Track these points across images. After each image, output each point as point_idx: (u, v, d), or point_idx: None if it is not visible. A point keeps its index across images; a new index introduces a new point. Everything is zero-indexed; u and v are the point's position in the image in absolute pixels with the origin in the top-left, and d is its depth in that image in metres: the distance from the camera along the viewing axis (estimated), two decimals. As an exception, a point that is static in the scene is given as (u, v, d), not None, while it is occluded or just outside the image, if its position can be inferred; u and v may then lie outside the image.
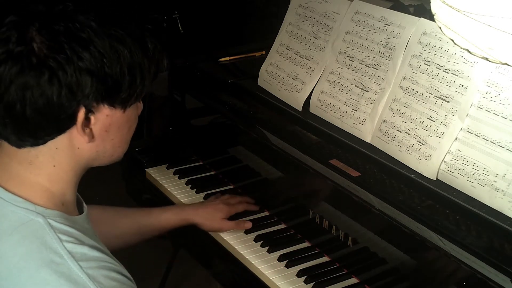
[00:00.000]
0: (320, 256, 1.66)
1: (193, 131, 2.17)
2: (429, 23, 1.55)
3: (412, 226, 1.40)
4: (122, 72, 1.08)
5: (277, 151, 1.75)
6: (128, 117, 1.16)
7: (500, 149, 1.36)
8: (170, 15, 2.73)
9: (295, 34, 1.90)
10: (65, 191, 1.15)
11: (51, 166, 1.13)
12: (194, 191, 1.95)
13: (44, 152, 1.12)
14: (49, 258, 1.05)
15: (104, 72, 1.06)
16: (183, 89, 2.15)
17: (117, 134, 1.16)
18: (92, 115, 1.10)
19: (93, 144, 1.13)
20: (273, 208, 1.83)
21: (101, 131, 1.13)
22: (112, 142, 1.16)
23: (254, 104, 1.94)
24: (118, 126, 1.15)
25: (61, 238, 1.07)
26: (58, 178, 1.14)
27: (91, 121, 1.10)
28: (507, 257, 1.26)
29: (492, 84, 1.40)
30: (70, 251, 1.06)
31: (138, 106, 1.20)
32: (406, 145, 1.53)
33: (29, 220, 1.08)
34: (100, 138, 1.13)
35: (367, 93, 1.66)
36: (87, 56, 1.04)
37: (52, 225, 1.08)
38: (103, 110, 1.11)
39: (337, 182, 1.57)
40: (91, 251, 1.09)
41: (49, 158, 1.12)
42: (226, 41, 2.51)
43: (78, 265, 1.05)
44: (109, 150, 1.17)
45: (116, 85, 1.08)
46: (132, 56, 1.09)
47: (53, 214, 1.10)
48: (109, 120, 1.12)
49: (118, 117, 1.13)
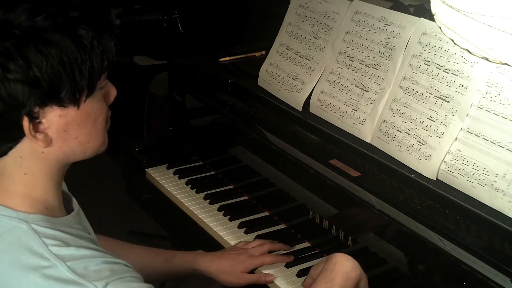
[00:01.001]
0: (320, 256, 1.65)
1: (193, 131, 2.17)
2: (429, 23, 1.55)
3: (412, 226, 1.40)
4: (55, 71, 1.03)
5: (277, 151, 1.75)
6: (87, 112, 1.11)
7: (500, 149, 1.36)
8: (170, 15, 2.74)
9: (295, 34, 1.90)
10: (46, 196, 1.14)
11: (22, 174, 1.11)
12: (194, 191, 1.94)
13: (10, 162, 1.11)
14: (36, 263, 1.04)
15: (34, 77, 1.02)
16: (183, 89, 2.15)
17: (80, 132, 1.12)
18: (42, 119, 1.07)
19: (56, 146, 1.11)
20: (273, 208, 1.83)
21: (59, 132, 1.09)
22: (77, 140, 1.12)
23: (254, 104, 1.94)
24: (77, 124, 1.11)
25: (46, 242, 1.06)
26: (33, 184, 1.12)
27: (43, 124, 1.08)
28: (507, 257, 1.26)
29: (492, 84, 1.40)
30: (57, 254, 1.06)
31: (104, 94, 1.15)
32: (406, 145, 1.53)
33: (13, 227, 1.08)
34: (60, 139, 1.10)
35: (367, 93, 1.66)
36: (13, 67, 1.01)
37: (36, 230, 1.07)
38: (53, 112, 1.07)
39: (337, 182, 1.57)
40: (78, 250, 1.08)
41: (17, 167, 1.11)
42: (226, 41, 2.51)
43: (66, 265, 1.05)
44: (77, 148, 1.14)
45: (53, 86, 1.05)
46: (63, 52, 1.04)
47: (36, 219, 1.09)
48: (63, 120, 1.09)
49: (74, 115, 1.09)
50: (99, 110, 1.14)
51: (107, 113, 1.18)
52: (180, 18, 2.72)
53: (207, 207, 1.88)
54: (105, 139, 1.18)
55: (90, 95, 1.10)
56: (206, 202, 1.90)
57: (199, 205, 1.89)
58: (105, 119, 1.16)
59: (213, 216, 1.83)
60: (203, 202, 1.90)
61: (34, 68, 1.02)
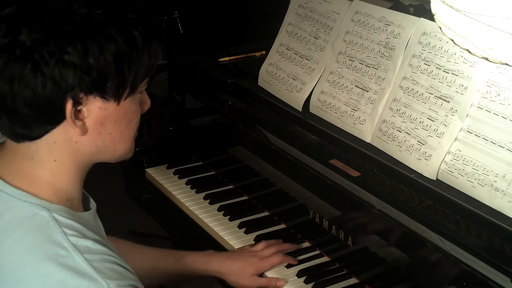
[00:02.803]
0: (320, 256, 1.66)
1: (193, 131, 2.17)
2: (429, 23, 1.55)
3: (412, 226, 1.40)
4: (107, 62, 1.07)
5: (277, 151, 1.75)
6: (125, 110, 1.15)
7: (500, 149, 1.36)
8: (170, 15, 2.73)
9: (295, 34, 1.90)
10: (69, 187, 1.16)
11: (52, 160, 1.13)
12: (194, 191, 1.95)
13: (43, 146, 1.12)
14: (54, 251, 1.06)
15: (88, 64, 1.06)
16: (183, 89, 2.15)
17: (114, 128, 1.15)
18: (83, 107, 1.10)
19: (90, 138, 1.13)
20: (273, 208, 1.83)
21: (96, 124, 1.12)
22: (111, 137, 1.15)
23: (254, 104, 1.94)
24: (114, 120, 1.14)
25: (65, 232, 1.08)
26: (60, 173, 1.14)
27: (83, 113, 1.10)
28: (507, 257, 1.26)
29: (492, 84, 1.40)
30: (75, 244, 1.07)
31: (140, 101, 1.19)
32: (406, 145, 1.53)
33: (34, 214, 1.09)
34: (95, 131, 1.13)
35: (367, 93, 1.66)
36: (70, 50, 1.05)
37: (57, 219, 1.09)
38: (95, 103, 1.10)
39: (337, 182, 1.57)
40: (94, 244, 1.09)
41: (49, 153, 1.13)
42: (226, 41, 2.51)
43: (83, 257, 1.06)
44: (109, 145, 1.16)
45: (101, 76, 1.08)
46: (117, 47, 1.08)
47: (58, 209, 1.11)
48: (103, 113, 1.12)
49: (113, 110, 1.13)
50: (135, 113, 1.18)
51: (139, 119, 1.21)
52: (180, 18, 2.71)
53: (207, 207, 1.88)
54: (133, 145, 1.22)
55: (131, 94, 1.14)
56: (206, 202, 1.90)
57: (199, 205, 1.89)
58: (138, 123, 1.20)
59: (213, 216, 1.84)
60: (203, 202, 1.90)
61: (90, 56, 1.06)
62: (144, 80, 1.16)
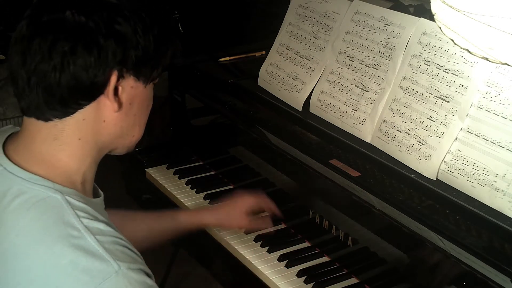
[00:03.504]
0: (320, 256, 1.66)
1: (193, 131, 2.17)
2: (429, 23, 1.55)
3: (412, 226, 1.40)
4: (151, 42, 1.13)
5: (277, 151, 1.75)
6: (147, 94, 1.20)
7: (500, 149, 1.36)
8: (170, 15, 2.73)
9: (295, 34, 1.90)
10: (86, 169, 1.17)
11: (77, 139, 1.14)
12: (194, 191, 1.95)
13: (71, 124, 1.13)
14: (67, 232, 1.07)
15: (136, 39, 1.11)
16: (183, 89, 2.15)
17: (138, 110, 1.19)
18: (120, 84, 1.13)
19: (118, 117, 1.16)
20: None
21: (126, 102, 1.16)
22: (134, 118, 1.19)
23: (254, 104, 1.94)
24: (140, 101, 1.18)
25: (78, 214, 1.09)
26: (80, 154, 1.16)
27: (119, 90, 1.14)
28: (507, 257, 1.26)
29: (492, 84, 1.40)
30: (87, 226, 1.08)
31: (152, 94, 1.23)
32: (406, 145, 1.53)
33: (47, 196, 1.10)
34: (124, 110, 1.16)
35: (367, 93, 1.67)
36: (121, 20, 1.09)
37: (70, 202, 1.10)
38: (129, 81, 1.14)
39: (337, 182, 1.57)
40: (106, 227, 1.11)
41: (75, 131, 1.14)
42: (226, 41, 2.51)
43: (95, 238, 1.07)
44: (131, 128, 1.20)
45: (145, 54, 1.13)
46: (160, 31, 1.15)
47: (71, 192, 1.12)
48: (133, 92, 1.16)
49: (141, 91, 1.17)
50: (151, 100, 1.23)
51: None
52: (180, 18, 2.71)
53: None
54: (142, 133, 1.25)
55: (155, 79, 1.20)
56: (206, 202, 1.90)
57: (199, 205, 1.89)
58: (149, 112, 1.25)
59: (213, 216, 1.83)
60: (203, 202, 1.90)
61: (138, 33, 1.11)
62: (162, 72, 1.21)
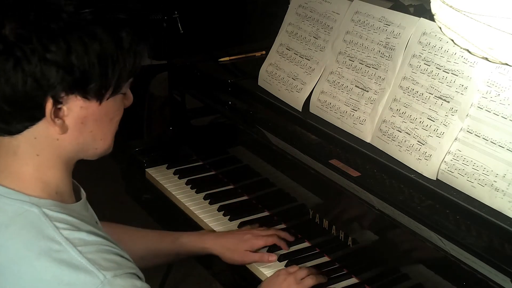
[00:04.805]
0: (320, 256, 1.66)
1: (193, 131, 2.17)
2: (429, 23, 1.55)
3: (412, 226, 1.40)
4: (91, 63, 1.06)
5: (277, 151, 1.75)
6: (107, 110, 1.14)
7: (500, 149, 1.36)
8: (170, 15, 2.74)
9: (295, 34, 1.90)
10: (57, 181, 1.15)
11: (35, 155, 1.12)
12: (194, 191, 1.94)
13: (24, 141, 1.11)
14: (48, 246, 1.05)
15: (70, 63, 1.05)
16: (183, 89, 2.15)
17: (96, 127, 1.14)
18: (64, 106, 1.09)
19: (71, 136, 1.12)
20: (273, 208, 1.83)
21: (77, 122, 1.11)
22: (92, 134, 1.14)
23: (254, 104, 1.94)
24: (95, 119, 1.13)
25: (57, 226, 1.07)
26: (45, 167, 1.13)
27: (64, 112, 1.09)
28: (507, 257, 1.26)
29: (492, 84, 1.40)
30: (68, 237, 1.07)
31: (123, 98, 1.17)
32: (406, 145, 1.53)
33: (24, 211, 1.09)
34: (76, 129, 1.12)
35: (367, 93, 1.67)
36: (54, 48, 1.03)
37: (47, 214, 1.09)
38: (76, 102, 1.09)
39: (337, 182, 1.57)
40: (88, 236, 1.09)
41: (30, 148, 1.12)
42: (226, 41, 2.51)
43: (77, 250, 1.06)
44: (90, 143, 1.15)
45: (84, 76, 1.07)
46: (103, 48, 1.07)
47: (47, 204, 1.10)
48: (84, 112, 1.11)
49: (94, 110, 1.12)
50: (117, 111, 1.17)
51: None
52: (180, 18, 2.72)
53: (207, 207, 1.88)
54: (112, 141, 1.20)
55: (114, 94, 1.13)
56: (206, 202, 1.90)
57: (199, 205, 1.89)
58: (119, 121, 1.19)
59: (213, 216, 1.83)
60: (203, 202, 1.90)
61: (73, 55, 1.04)
62: (128, 81, 1.15)
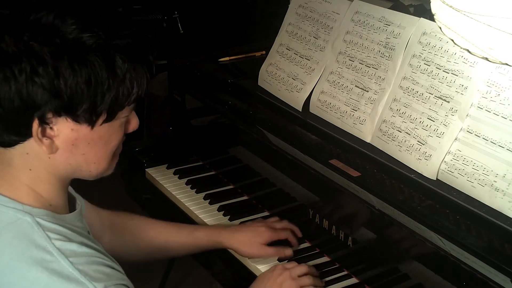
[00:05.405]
0: (320, 256, 1.66)
1: (193, 131, 2.17)
2: (429, 23, 1.55)
3: (412, 226, 1.40)
4: (79, 89, 1.05)
5: (277, 151, 1.75)
6: (100, 134, 1.12)
7: (500, 149, 1.36)
8: (170, 15, 2.74)
9: (295, 34, 1.90)
10: (50, 194, 1.15)
11: (27, 169, 1.12)
12: (194, 191, 1.94)
13: (17, 155, 1.11)
14: (40, 256, 1.06)
15: (58, 87, 1.04)
16: (183, 89, 2.15)
17: (88, 150, 1.12)
18: (54, 126, 1.08)
19: (62, 156, 1.11)
20: (273, 208, 1.83)
21: (67, 144, 1.10)
22: (84, 157, 1.13)
23: (254, 104, 1.94)
24: (87, 142, 1.12)
25: (49, 236, 1.08)
26: (39, 181, 1.13)
27: (53, 132, 1.08)
28: (507, 257, 1.26)
29: (492, 84, 1.40)
30: (60, 248, 1.07)
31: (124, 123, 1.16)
32: (406, 145, 1.53)
33: (17, 219, 1.09)
34: (67, 151, 1.11)
35: (367, 93, 1.66)
36: (42, 72, 1.03)
37: (40, 224, 1.09)
38: (66, 123, 1.08)
39: (337, 182, 1.57)
40: (80, 247, 1.09)
41: (23, 162, 1.12)
42: (226, 41, 2.51)
43: (68, 261, 1.06)
44: (83, 165, 1.15)
45: (72, 101, 1.06)
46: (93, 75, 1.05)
47: (41, 213, 1.10)
48: (74, 135, 1.10)
49: (86, 133, 1.10)
50: (113, 136, 1.15)
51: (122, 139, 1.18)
52: (180, 18, 2.72)
53: (207, 207, 1.88)
54: (111, 164, 1.19)
55: (107, 121, 1.11)
56: (206, 202, 1.90)
57: (199, 205, 1.89)
58: (117, 145, 1.17)
59: (213, 216, 1.83)
60: (203, 202, 1.90)
61: (60, 80, 1.03)
62: (125, 108, 1.13)
